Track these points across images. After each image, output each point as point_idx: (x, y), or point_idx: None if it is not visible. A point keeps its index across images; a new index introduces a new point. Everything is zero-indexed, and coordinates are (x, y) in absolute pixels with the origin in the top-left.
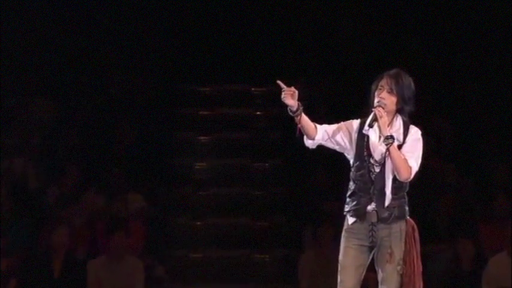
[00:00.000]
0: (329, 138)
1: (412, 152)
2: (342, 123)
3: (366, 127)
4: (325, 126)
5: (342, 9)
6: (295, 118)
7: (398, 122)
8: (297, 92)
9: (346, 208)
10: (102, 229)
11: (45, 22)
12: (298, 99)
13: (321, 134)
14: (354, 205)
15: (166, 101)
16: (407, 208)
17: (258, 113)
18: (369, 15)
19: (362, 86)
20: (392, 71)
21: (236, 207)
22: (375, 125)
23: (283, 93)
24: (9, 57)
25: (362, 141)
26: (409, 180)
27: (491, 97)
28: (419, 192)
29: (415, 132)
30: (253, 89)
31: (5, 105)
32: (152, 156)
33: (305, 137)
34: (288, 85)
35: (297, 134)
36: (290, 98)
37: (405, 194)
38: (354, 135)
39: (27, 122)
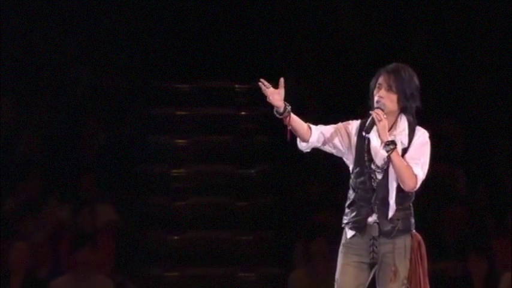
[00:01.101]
0: (326, 141)
1: (417, 157)
2: (340, 124)
3: (364, 132)
4: (321, 127)
5: None
6: (284, 120)
7: (403, 122)
8: (283, 90)
9: (345, 220)
10: (67, 244)
11: (3, 14)
12: (287, 98)
13: (316, 136)
14: (353, 216)
15: (139, 100)
16: (413, 220)
17: (243, 113)
18: (370, 2)
19: (361, 81)
20: (391, 66)
21: (218, 219)
22: (375, 129)
23: (267, 92)
24: None
25: (362, 144)
26: (415, 189)
27: (505, 96)
28: (426, 202)
29: (421, 135)
30: (236, 86)
31: None
32: (123, 162)
33: (298, 139)
34: (276, 82)
35: (288, 138)
36: (276, 97)
37: (411, 204)
38: (354, 138)
39: None
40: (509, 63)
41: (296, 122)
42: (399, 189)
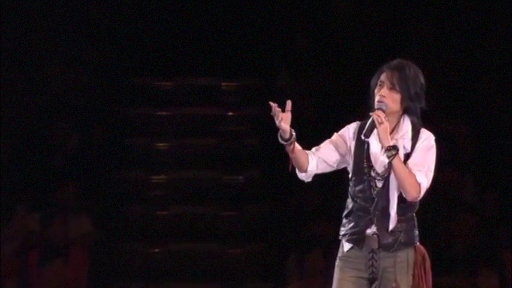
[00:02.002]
0: (326, 166)
1: (421, 164)
2: (335, 135)
3: (363, 136)
4: (318, 152)
5: None
6: (287, 147)
7: (406, 124)
8: (289, 113)
9: (342, 231)
10: (36, 257)
11: None
12: (280, 97)
13: (315, 164)
14: (351, 228)
15: (115, 99)
16: (416, 232)
17: (230, 113)
18: None
19: (362, 79)
20: (394, 62)
21: (202, 230)
22: (375, 132)
23: (277, 116)
24: None
25: (361, 149)
26: (418, 199)
27: None
28: (431, 211)
29: (426, 139)
30: (223, 83)
31: None
32: (98, 167)
33: (297, 169)
34: (267, 79)
35: (289, 169)
36: (285, 121)
37: (414, 214)
38: (352, 143)
39: None
40: None
41: (299, 150)
42: (401, 199)
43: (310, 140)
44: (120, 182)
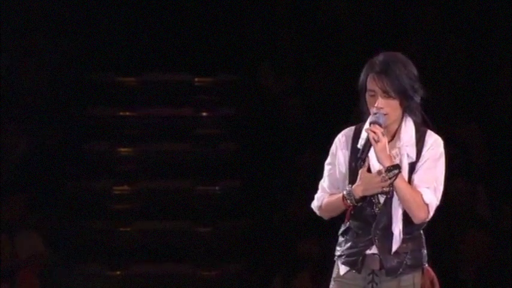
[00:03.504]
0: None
1: (429, 179)
2: (328, 159)
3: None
4: (331, 186)
5: None
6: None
7: (409, 128)
8: None
9: (337, 251)
10: None
11: None
12: (260, 96)
13: None
14: (348, 248)
15: (71, 98)
16: (425, 252)
17: (204, 113)
18: None
19: (356, 74)
20: (378, 64)
21: (173, 249)
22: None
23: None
24: None
25: (358, 163)
26: (427, 220)
27: None
28: (439, 227)
29: (433, 144)
30: (196, 79)
31: None
32: (52, 177)
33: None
34: (249, 75)
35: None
36: None
37: (421, 232)
38: (346, 153)
39: None
40: None
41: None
42: (406, 217)
43: (297, 145)
44: (76, 194)
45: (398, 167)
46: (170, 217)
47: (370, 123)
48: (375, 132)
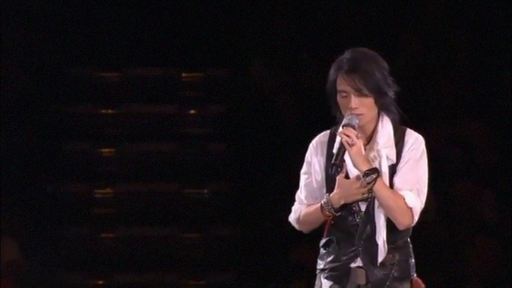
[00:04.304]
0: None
1: (412, 181)
2: (305, 168)
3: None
4: (308, 196)
5: None
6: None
7: (386, 127)
8: None
9: (320, 264)
10: None
11: None
12: (249, 91)
13: None
14: (331, 261)
15: (48, 94)
16: (412, 261)
17: (192, 111)
18: None
19: None
20: (345, 62)
21: (158, 257)
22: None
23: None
24: None
25: (332, 168)
26: (412, 225)
27: None
28: (443, 233)
29: (415, 144)
30: (183, 75)
31: None
32: (29, 179)
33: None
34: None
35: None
36: None
37: (408, 241)
38: (320, 160)
39: None
40: None
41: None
42: (390, 224)
43: (291, 145)
44: (55, 198)
45: (376, 170)
46: (155, 222)
47: (343, 126)
48: (348, 136)
